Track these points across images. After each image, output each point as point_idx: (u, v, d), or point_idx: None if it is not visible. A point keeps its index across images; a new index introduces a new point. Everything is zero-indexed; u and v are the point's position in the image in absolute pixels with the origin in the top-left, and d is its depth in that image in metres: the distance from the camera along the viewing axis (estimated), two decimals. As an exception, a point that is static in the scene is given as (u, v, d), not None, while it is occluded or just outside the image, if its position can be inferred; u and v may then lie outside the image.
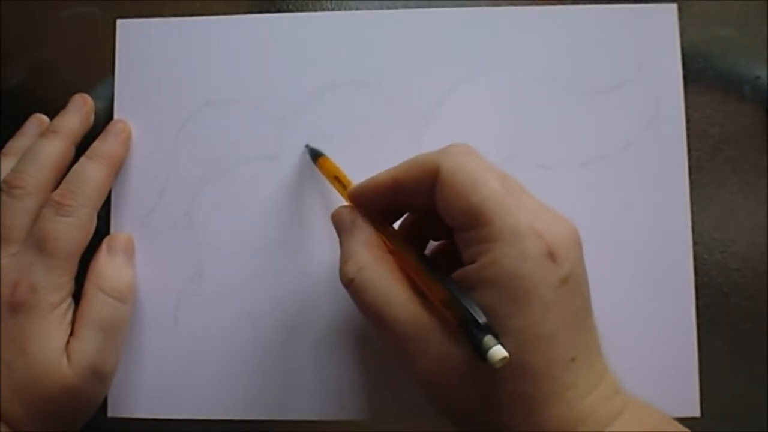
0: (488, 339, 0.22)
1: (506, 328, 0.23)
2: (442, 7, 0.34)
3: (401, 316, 0.25)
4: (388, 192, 0.27)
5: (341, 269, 0.27)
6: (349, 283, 0.26)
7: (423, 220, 0.29)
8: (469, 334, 0.23)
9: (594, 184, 0.33)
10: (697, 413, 0.31)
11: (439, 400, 0.25)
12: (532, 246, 0.23)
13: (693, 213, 0.32)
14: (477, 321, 0.23)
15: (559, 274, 0.23)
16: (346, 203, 0.29)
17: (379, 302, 0.25)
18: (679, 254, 0.32)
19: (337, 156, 0.33)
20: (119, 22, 0.35)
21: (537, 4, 0.34)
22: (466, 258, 0.25)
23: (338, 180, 0.31)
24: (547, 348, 0.23)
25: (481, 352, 0.22)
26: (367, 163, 0.33)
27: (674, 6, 0.33)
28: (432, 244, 0.30)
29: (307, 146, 0.33)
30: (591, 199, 0.33)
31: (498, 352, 0.22)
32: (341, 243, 0.28)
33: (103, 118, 0.34)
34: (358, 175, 0.30)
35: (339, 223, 0.28)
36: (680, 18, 0.33)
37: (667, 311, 0.32)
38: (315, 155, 0.33)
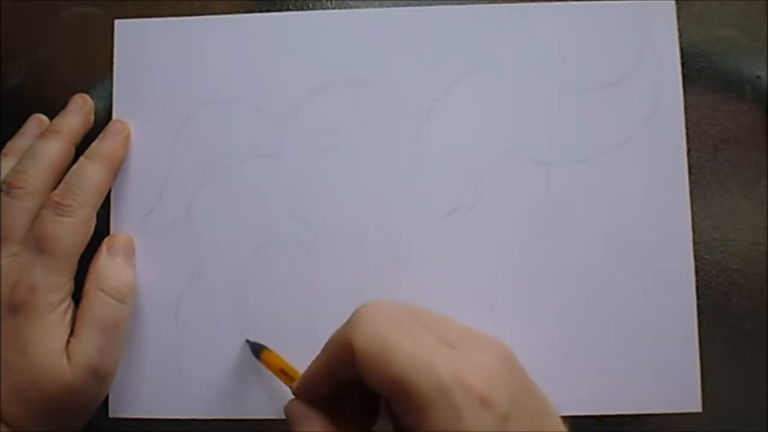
0: None
1: None
2: (441, 4, 0.34)
3: None
4: (324, 380, 0.26)
5: None
6: None
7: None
8: None
9: (593, 180, 0.33)
10: (698, 408, 0.31)
11: None
12: (463, 399, 0.22)
13: (693, 213, 0.32)
14: None
15: (498, 415, 0.22)
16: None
17: None
18: (678, 248, 0.32)
19: (335, 154, 0.33)
20: (117, 22, 0.35)
21: (535, 0, 0.34)
22: (404, 429, 0.24)
23: (284, 373, 0.30)
24: None
25: None
26: (367, 160, 0.33)
27: (672, 2, 0.33)
28: None
29: (247, 342, 0.32)
30: (590, 195, 0.33)
31: None
32: None
33: (103, 118, 0.34)
34: (358, 176, 0.30)
35: (291, 417, 0.27)
36: (680, 18, 0.33)
37: (668, 306, 0.32)
38: (257, 350, 0.32)
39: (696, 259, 0.32)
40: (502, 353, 0.24)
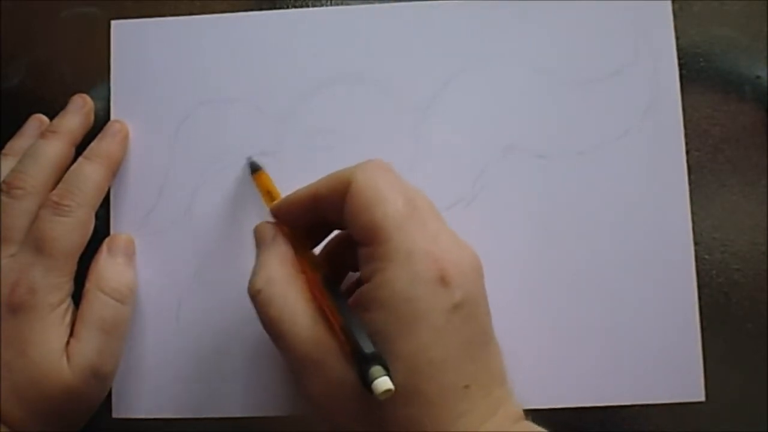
0: (375, 369, 0.22)
1: (396, 352, 0.23)
2: (439, 0, 0.34)
3: (301, 335, 0.25)
4: (307, 206, 0.27)
5: (250, 280, 0.27)
6: (255, 294, 0.26)
7: (346, 246, 0.28)
8: (357, 364, 0.23)
9: (592, 173, 0.33)
10: (702, 398, 0.31)
11: (330, 423, 0.25)
12: (425, 269, 0.23)
13: (693, 213, 0.32)
14: (364, 351, 0.22)
15: (451, 299, 0.23)
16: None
17: (282, 318, 0.25)
18: (678, 238, 0.32)
19: (335, 152, 0.33)
20: (113, 23, 0.35)
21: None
22: (363, 276, 0.25)
23: (270, 195, 0.31)
24: (438, 374, 0.23)
25: (367, 383, 0.22)
26: (366, 157, 0.33)
27: (668, 1, 0.34)
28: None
29: (248, 159, 0.33)
30: (590, 187, 0.33)
31: (382, 383, 0.22)
32: (257, 255, 0.28)
33: (103, 118, 0.34)
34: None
35: (258, 237, 0.28)
36: (680, 18, 0.34)
37: (670, 296, 0.32)
38: (254, 168, 0.33)
39: (696, 259, 0.32)
40: (478, 262, 0.25)
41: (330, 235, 0.30)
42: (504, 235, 0.33)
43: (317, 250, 0.30)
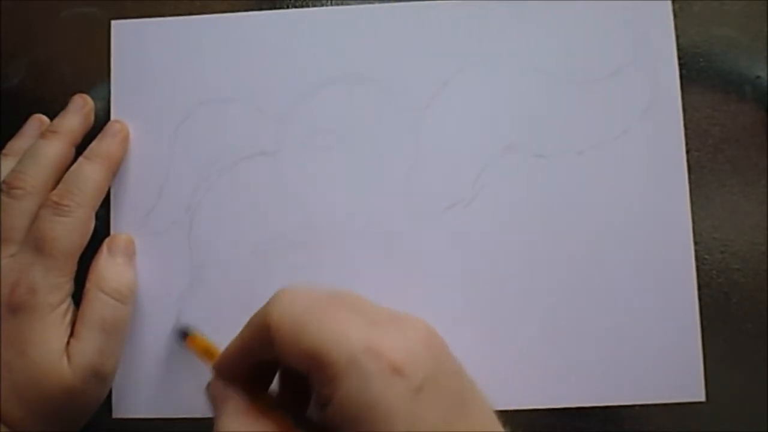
0: None
1: None
2: None
3: None
4: (244, 358, 0.26)
5: None
6: None
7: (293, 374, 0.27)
8: None
9: (592, 173, 0.33)
10: (702, 398, 0.31)
11: None
12: (373, 367, 0.22)
13: (693, 213, 0.32)
14: None
15: (410, 385, 0.22)
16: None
17: None
18: (678, 237, 0.32)
19: (335, 152, 0.33)
20: (114, 23, 0.35)
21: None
22: (321, 400, 0.24)
23: (209, 352, 0.30)
24: None
25: None
26: (366, 157, 0.33)
27: (668, 1, 0.34)
28: None
29: (174, 326, 0.33)
30: (589, 187, 0.33)
31: None
32: (215, 417, 0.26)
33: (103, 118, 0.34)
34: (357, 172, 0.30)
35: (212, 396, 0.27)
36: (680, 18, 0.34)
37: (670, 296, 0.32)
38: (182, 335, 0.32)
39: (696, 259, 0.32)
40: (427, 333, 0.24)
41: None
42: (504, 235, 0.33)
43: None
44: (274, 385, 0.28)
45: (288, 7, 0.35)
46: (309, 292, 0.25)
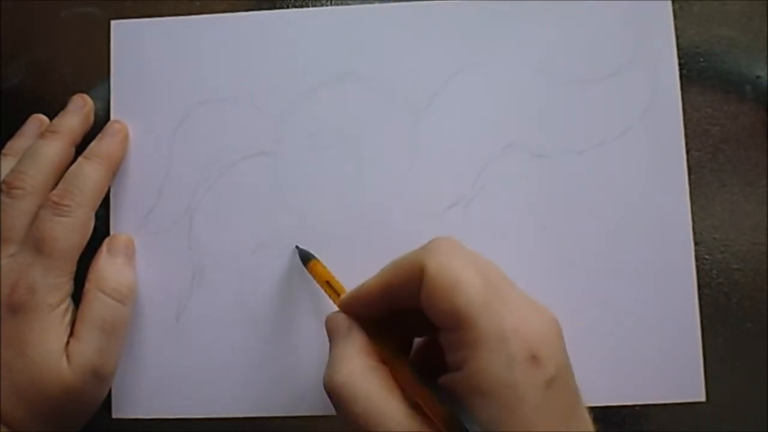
0: None
1: None
2: None
3: (395, 430, 0.24)
4: (378, 298, 0.27)
5: (328, 374, 0.25)
6: (336, 388, 0.25)
7: (408, 317, 0.27)
8: None
9: (592, 172, 0.33)
10: (702, 398, 0.31)
11: None
12: (518, 351, 0.23)
13: (693, 213, 0.32)
14: None
15: (544, 376, 0.23)
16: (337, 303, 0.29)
17: (370, 414, 0.24)
18: (679, 237, 0.32)
19: (335, 152, 0.33)
20: (113, 23, 0.35)
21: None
22: (451, 361, 0.24)
23: (330, 285, 0.30)
24: None
25: None
26: (366, 156, 0.33)
27: (668, 1, 0.34)
28: (416, 341, 0.29)
29: (297, 248, 0.33)
30: (589, 187, 0.33)
31: None
32: (332, 348, 0.27)
33: (103, 118, 0.34)
34: (357, 171, 0.30)
35: (332, 329, 0.27)
36: (680, 18, 0.34)
37: (670, 296, 0.32)
38: (306, 258, 0.32)
39: (696, 259, 0.32)
40: (557, 325, 0.25)
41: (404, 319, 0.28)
42: (504, 235, 0.33)
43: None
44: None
45: (288, 7, 0.35)
46: (464, 249, 0.25)
